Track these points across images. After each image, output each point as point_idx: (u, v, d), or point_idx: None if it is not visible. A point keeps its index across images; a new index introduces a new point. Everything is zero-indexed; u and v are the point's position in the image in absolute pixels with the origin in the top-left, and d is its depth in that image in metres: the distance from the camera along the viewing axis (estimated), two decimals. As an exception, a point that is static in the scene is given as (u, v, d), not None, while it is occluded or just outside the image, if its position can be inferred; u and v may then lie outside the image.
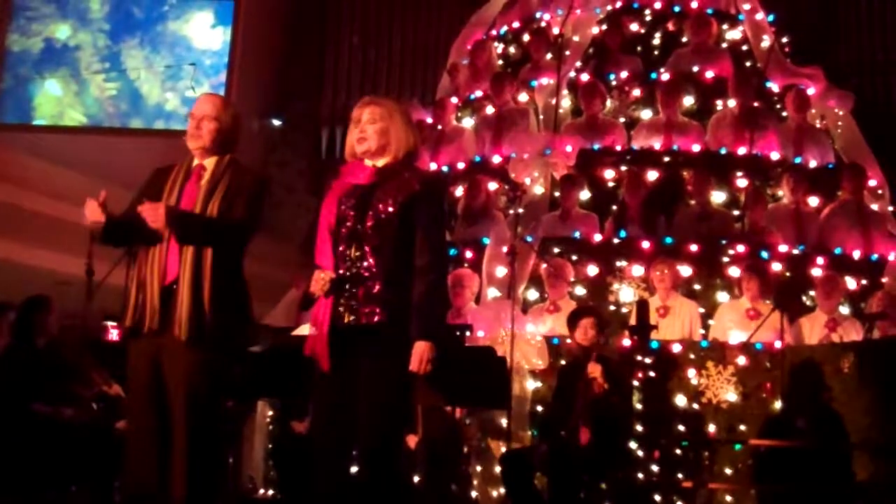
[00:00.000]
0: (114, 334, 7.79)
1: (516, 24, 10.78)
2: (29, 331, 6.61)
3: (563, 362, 6.89)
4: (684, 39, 10.00)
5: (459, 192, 9.02)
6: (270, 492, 7.37)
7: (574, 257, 7.97)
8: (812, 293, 7.86)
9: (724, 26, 10.21)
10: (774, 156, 8.97)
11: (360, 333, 3.95)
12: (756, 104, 9.21)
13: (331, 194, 4.12)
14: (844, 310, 7.77)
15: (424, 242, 4.02)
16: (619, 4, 10.25)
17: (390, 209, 4.00)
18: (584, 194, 8.69)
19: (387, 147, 4.12)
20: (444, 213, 4.34)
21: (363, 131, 4.12)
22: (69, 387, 6.62)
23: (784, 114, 9.54)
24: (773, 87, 9.80)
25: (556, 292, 7.68)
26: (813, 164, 9.10)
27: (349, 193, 4.09)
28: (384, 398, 3.92)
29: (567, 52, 9.78)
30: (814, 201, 8.78)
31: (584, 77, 9.60)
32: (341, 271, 3.98)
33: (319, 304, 4.02)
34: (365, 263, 3.97)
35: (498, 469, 6.54)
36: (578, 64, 9.86)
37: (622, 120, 9.40)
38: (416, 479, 6.55)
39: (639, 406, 6.74)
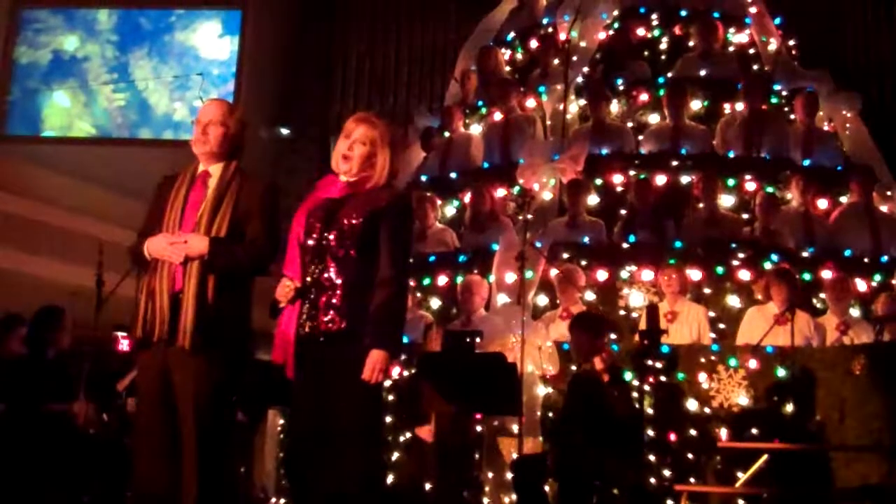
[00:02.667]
0: (124, 344, 7.80)
1: (523, 31, 10.79)
2: (42, 342, 6.63)
3: (573, 368, 6.89)
4: (691, 43, 10.01)
5: (468, 198, 9.02)
6: (282, 500, 7.38)
7: (583, 262, 7.96)
8: (822, 296, 7.85)
9: (731, 30, 10.22)
10: (783, 159, 8.96)
11: (321, 342, 4.03)
12: (764, 107, 9.21)
13: (302, 207, 4.22)
14: (855, 312, 7.75)
15: (388, 256, 4.10)
16: (625, 9, 10.25)
17: (355, 222, 4.08)
18: (593, 199, 8.69)
19: (368, 173, 4.21)
20: (410, 229, 4.38)
21: (350, 149, 4.22)
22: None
23: (792, 116, 9.54)
24: (781, 89, 9.79)
25: (568, 299, 7.67)
26: (822, 166, 9.09)
27: (319, 207, 4.18)
28: (349, 406, 3.98)
29: (574, 58, 9.78)
30: (823, 204, 8.76)
31: (592, 82, 9.60)
32: (308, 280, 4.07)
33: (285, 312, 4.11)
34: (327, 274, 4.06)
35: (509, 475, 6.53)
36: (586, 69, 9.86)
37: (630, 124, 9.40)
38: (427, 485, 6.55)
39: (650, 410, 6.73)
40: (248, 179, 4.35)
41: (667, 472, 6.72)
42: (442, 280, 8.25)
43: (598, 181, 8.79)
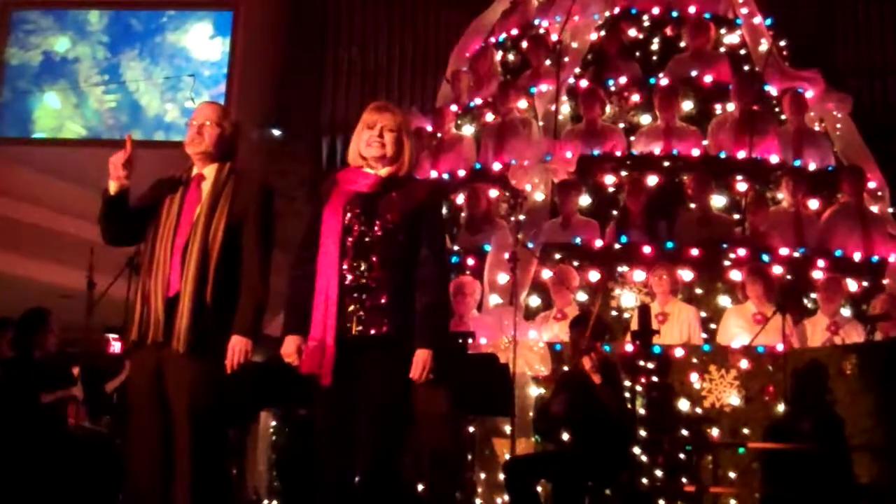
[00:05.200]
0: (115, 346, 7.79)
1: (515, 31, 10.79)
2: (28, 344, 6.61)
3: (565, 368, 6.90)
4: (682, 44, 10.02)
5: (461, 199, 9.02)
6: (275, 502, 7.37)
7: (575, 263, 7.97)
8: (814, 296, 7.87)
9: (722, 31, 10.23)
10: (774, 159, 8.99)
11: (365, 344, 3.94)
12: (755, 108, 9.23)
13: (333, 202, 4.07)
14: (846, 312, 7.77)
15: (429, 253, 4.03)
16: (617, 10, 10.26)
17: (397, 219, 4.00)
18: (585, 200, 8.69)
19: (399, 158, 4.13)
20: (445, 223, 4.36)
21: (381, 137, 4.10)
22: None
23: (783, 117, 9.56)
24: (772, 90, 9.81)
25: (562, 299, 7.68)
26: (812, 166, 9.11)
27: (353, 202, 4.06)
28: (388, 408, 3.93)
29: (566, 59, 9.79)
30: (814, 204, 8.79)
31: (584, 83, 9.62)
32: (347, 282, 3.97)
33: (316, 321, 3.98)
34: (373, 274, 3.96)
35: (502, 476, 6.53)
36: (577, 70, 9.87)
37: (622, 125, 9.41)
38: (420, 487, 6.55)
39: (642, 411, 6.74)
40: (243, 179, 4.34)
41: (659, 473, 6.73)
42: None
43: (590, 182, 8.81)
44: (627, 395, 6.37)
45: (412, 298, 3.98)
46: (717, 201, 8.62)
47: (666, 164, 8.81)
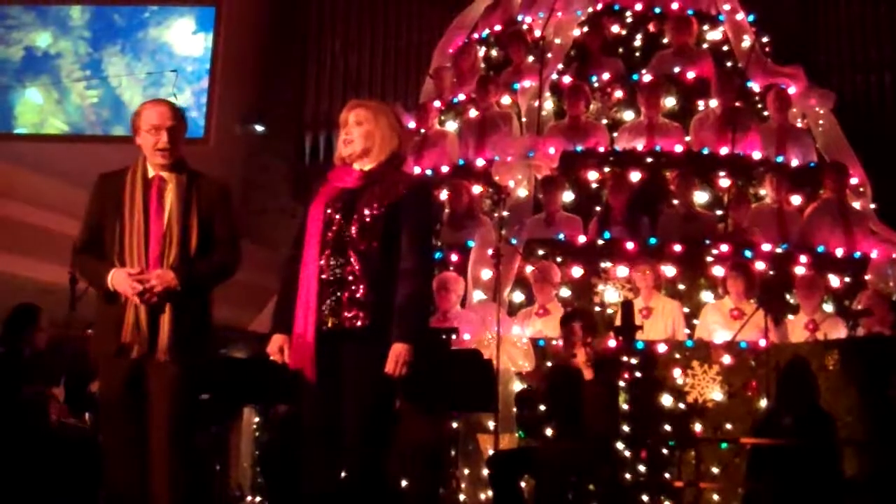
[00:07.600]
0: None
1: (498, 27, 10.80)
2: (17, 341, 6.58)
3: (548, 364, 6.90)
4: (665, 41, 10.04)
5: (444, 195, 9.02)
6: (258, 498, 7.36)
7: (559, 259, 7.98)
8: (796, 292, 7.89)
9: (705, 27, 10.25)
10: (756, 155, 9.02)
11: (343, 337, 3.95)
12: (738, 104, 9.26)
13: (318, 199, 4.12)
14: (828, 307, 7.80)
15: (410, 246, 4.03)
16: (599, 6, 10.27)
17: (375, 213, 4.01)
18: (568, 196, 8.71)
19: (371, 149, 4.14)
20: (431, 217, 4.35)
21: (349, 134, 4.15)
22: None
23: (765, 113, 9.59)
24: (754, 86, 9.84)
25: (544, 295, 7.69)
26: (795, 163, 9.15)
27: (336, 198, 4.09)
28: (368, 402, 3.93)
29: (549, 55, 9.80)
30: (796, 200, 8.82)
31: (567, 79, 9.62)
32: (324, 276, 3.98)
33: (299, 314, 4.00)
34: (349, 268, 3.97)
35: (485, 471, 6.53)
36: (560, 66, 9.88)
37: (604, 122, 9.42)
38: (403, 482, 6.54)
39: (625, 406, 6.75)
40: (202, 179, 4.32)
41: (642, 468, 6.74)
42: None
43: (573, 178, 8.82)
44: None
45: (393, 292, 3.98)
46: (700, 197, 8.65)
47: (648, 160, 8.83)
